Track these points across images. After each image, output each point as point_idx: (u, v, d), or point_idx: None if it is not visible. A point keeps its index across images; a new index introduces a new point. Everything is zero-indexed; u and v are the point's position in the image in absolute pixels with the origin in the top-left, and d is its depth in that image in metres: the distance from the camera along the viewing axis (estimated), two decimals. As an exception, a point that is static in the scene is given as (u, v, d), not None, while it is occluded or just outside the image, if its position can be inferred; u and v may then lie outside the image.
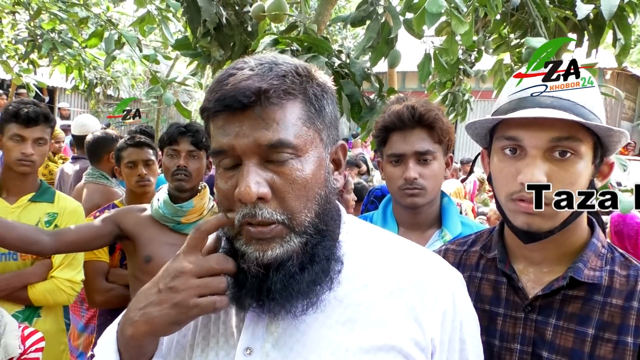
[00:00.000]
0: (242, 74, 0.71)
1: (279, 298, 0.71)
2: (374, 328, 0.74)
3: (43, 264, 1.95)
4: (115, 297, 2.10)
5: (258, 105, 0.69)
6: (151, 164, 2.35)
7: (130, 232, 1.85)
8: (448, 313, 0.78)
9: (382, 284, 0.77)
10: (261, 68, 0.71)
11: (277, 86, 0.70)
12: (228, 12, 2.47)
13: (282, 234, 0.71)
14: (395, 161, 1.43)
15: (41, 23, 4.04)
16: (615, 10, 1.90)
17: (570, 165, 0.86)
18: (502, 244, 1.01)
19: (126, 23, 4.64)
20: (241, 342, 0.74)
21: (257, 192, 0.68)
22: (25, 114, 1.90)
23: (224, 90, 0.70)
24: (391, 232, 0.90)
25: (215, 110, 0.71)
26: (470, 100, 3.61)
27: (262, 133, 0.69)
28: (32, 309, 1.94)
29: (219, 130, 0.72)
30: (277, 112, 0.70)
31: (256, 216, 0.69)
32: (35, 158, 1.94)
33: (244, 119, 0.70)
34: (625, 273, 0.91)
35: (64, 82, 6.25)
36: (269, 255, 0.70)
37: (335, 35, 10.69)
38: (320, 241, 0.74)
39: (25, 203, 1.98)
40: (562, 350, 0.89)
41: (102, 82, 5.83)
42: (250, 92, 0.68)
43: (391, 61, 2.03)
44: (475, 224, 1.52)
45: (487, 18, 2.69)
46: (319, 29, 2.14)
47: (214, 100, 0.71)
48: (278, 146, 0.69)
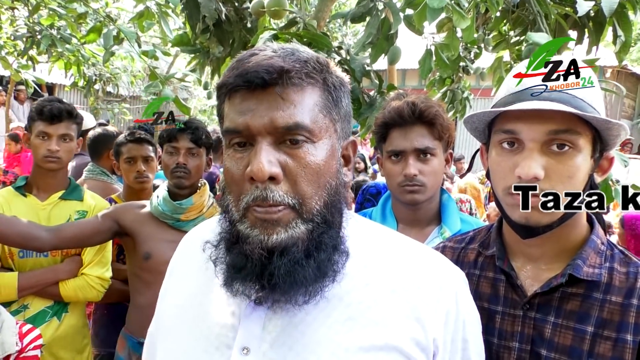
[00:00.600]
0: (264, 54, 0.71)
1: (282, 284, 0.69)
2: (374, 327, 0.73)
3: (74, 260, 1.98)
4: (112, 292, 2.09)
5: (279, 85, 0.69)
6: (150, 161, 2.35)
7: (129, 229, 1.86)
8: (451, 313, 0.77)
9: (383, 283, 0.76)
10: (284, 51, 0.72)
11: (299, 69, 0.70)
12: (227, 8, 2.45)
13: (288, 218, 0.70)
14: (395, 157, 1.42)
15: (40, 19, 4.03)
16: (616, 7, 1.89)
17: (568, 159, 0.86)
18: (500, 241, 1.00)
19: (125, 19, 4.62)
20: (237, 341, 0.72)
21: (270, 171, 0.67)
22: (49, 110, 1.93)
23: (245, 67, 0.70)
24: (393, 230, 0.89)
25: (234, 86, 0.70)
26: (469, 97, 3.60)
27: (279, 114, 0.69)
28: (62, 304, 1.98)
29: (235, 107, 0.71)
30: (297, 93, 0.70)
31: (267, 198, 0.68)
32: (62, 154, 1.96)
33: (263, 97, 0.69)
34: (625, 270, 0.90)
35: (63, 78, 6.24)
36: (274, 239, 0.69)
37: (335, 33, 10.67)
38: (326, 231, 0.73)
39: (56, 201, 2.01)
40: (561, 348, 0.89)
41: (102, 79, 5.81)
42: (273, 70, 0.68)
43: (391, 57, 2.03)
44: (475, 221, 1.51)
45: (488, 15, 2.69)
46: (318, 25, 2.13)
47: (234, 75, 0.70)
48: (294, 129, 0.69)
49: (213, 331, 0.76)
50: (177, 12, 2.83)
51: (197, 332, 0.77)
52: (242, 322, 0.74)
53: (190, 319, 0.79)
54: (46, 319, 1.93)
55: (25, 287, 1.85)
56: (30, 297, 1.90)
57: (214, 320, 0.76)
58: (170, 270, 0.92)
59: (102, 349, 2.26)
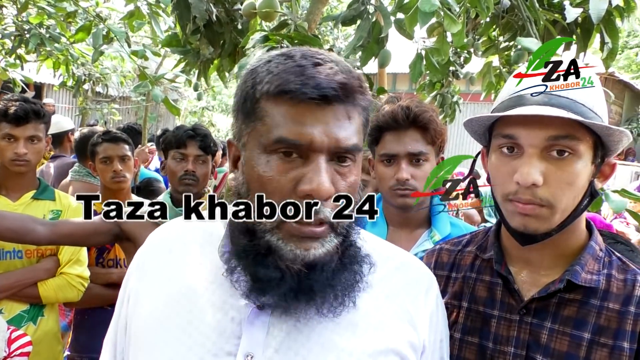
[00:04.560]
0: (330, 66, 0.68)
1: (320, 298, 0.69)
2: (374, 332, 0.74)
3: (51, 259, 1.93)
4: (93, 296, 2.06)
5: (346, 103, 0.68)
6: (127, 160, 2.29)
7: (130, 234, 1.80)
8: (434, 315, 0.82)
9: (377, 289, 0.78)
10: (343, 66, 0.70)
11: (357, 87, 0.69)
12: (218, 10, 2.45)
13: (327, 234, 0.69)
14: (388, 161, 1.42)
15: (28, 17, 3.98)
16: (604, 14, 1.92)
17: (568, 165, 0.84)
18: (498, 245, 1.00)
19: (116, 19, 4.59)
20: (242, 347, 0.71)
21: (331, 192, 0.67)
22: (14, 112, 1.84)
23: (317, 78, 0.66)
24: (378, 237, 0.90)
25: (303, 97, 0.65)
26: (459, 102, 3.63)
27: (344, 133, 0.68)
28: (37, 308, 1.92)
29: (294, 117, 0.67)
30: (354, 112, 0.70)
31: (319, 214, 0.67)
32: (30, 157, 1.90)
33: (330, 112, 0.67)
34: (623, 277, 0.90)
35: (52, 78, 6.17)
36: (312, 255, 0.68)
37: (327, 36, 10.69)
38: (353, 243, 0.75)
39: (28, 201, 1.96)
40: (557, 354, 0.88)
41: (91, 79, 5.75)
42: (345, 87, 0.67)
43: (381, 61, 2.03)
44: (465, 225, 1.52)
45: (477, 20, 2.71)
46: (309, 27, 2.13)
47: (308, 85, 0.65)
48: (352, 150, 0.69)
49: (210, 338, 0.72)
50: (168, 13, 2.81)
51: (188, 340, 0.73)
52: (246, 328, 0.72)
53: (175, 325, 0.75)
54: (22, 323, 1.85)
55: (5, 288, 1.78)
56: (5, 301, 1.82)
57: (209, 327, 0.73)
58: (141, 273, 0.84)
59: (82, 355, 2.22)
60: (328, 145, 0.67)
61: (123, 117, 11.14)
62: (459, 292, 1.02)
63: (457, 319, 1.00)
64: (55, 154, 3.69)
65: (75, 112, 10.29)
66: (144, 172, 3.88)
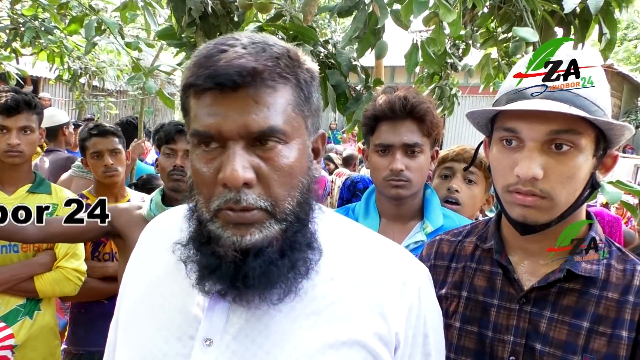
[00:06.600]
0: (234, 51, 0.67)
1: (257, 284, 0.68)
2: (338, 322, 0.73)
3: (48, 253, 1.92)
4: (88, 291, 2.06)
5: (252, 87, 0.66)
6: (118, 153, 2.26)
7: (122, 231, 1.79)
8: (413, 308, 0.78)
9: (348, 278, 0.76)
10: (254, 47, 0.68)
11: (272, 68, 0.67)
12: (214, 1, 2.42)
13: (262, 219, 0.68)
14: (382, 151, 1.41)
15: (22, 9, 3.95)
16: (602, 5, 1.90)
17: (568, 159, 0.84)
18: (498, 235, 1.00)
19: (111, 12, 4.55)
20: (200, 332, 0.72)
21: (244, 177, 0.65)
22: (5, 102, 1.83)
23: (215, 67, 0.65)
24: (362, 226, 0.88)
25: (204, 88, 0.66)
26: (457, 94, 3.61)
27: (252, 118, 0.66)
28: (34, 302, 1.91)
29: (204, 109, 0.67)
30: (269, 95, 0.67)
31: (240, 202, 0.66)
32: (23, 147, 1.88)
33: (234, 99, 0.66)
34: (622, 267, 0.91)
35: (48, 72, 6.14)
36: (247, 240, 0.67)
37: (324, 29, 10.64)
38: (300, 229, 0.72)
39: (24, 194, 1.94)
40: (556, 342, 0.89)
41: (87, 73, 5.71)
42: (246, 72, 0.65)
43: (378, 52, 2.02)
44: (458, 216, 1.51)
45: (475, 11, 2.69)
46: (305, 18, 2.11)
47: (204, 76, 0.66)
48: (268, 133, 0.67)
49: (175, 321, 0.74)
50: (162, 5, 2.79)
51: (157, 322, 0.76)
52: (206, 314, 0.73)
53: (149, 308, 0.78)
54: (18, 318, 1.84)
55: (1, 283, 1.78)
56: (0, 295, 1.82)
57: (176, 311, 0.75)
58: (133, 262, 0.89)
59: (79, 348, 2.21)
60: (238, 131, 0.66)
61: (120, 111, 11.10)
62: (458, 282, 1.03)
63: (457, 309, 1.01)
64: (50, 147, 3.65)
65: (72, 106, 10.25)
66: (142, 167, 3.84)
